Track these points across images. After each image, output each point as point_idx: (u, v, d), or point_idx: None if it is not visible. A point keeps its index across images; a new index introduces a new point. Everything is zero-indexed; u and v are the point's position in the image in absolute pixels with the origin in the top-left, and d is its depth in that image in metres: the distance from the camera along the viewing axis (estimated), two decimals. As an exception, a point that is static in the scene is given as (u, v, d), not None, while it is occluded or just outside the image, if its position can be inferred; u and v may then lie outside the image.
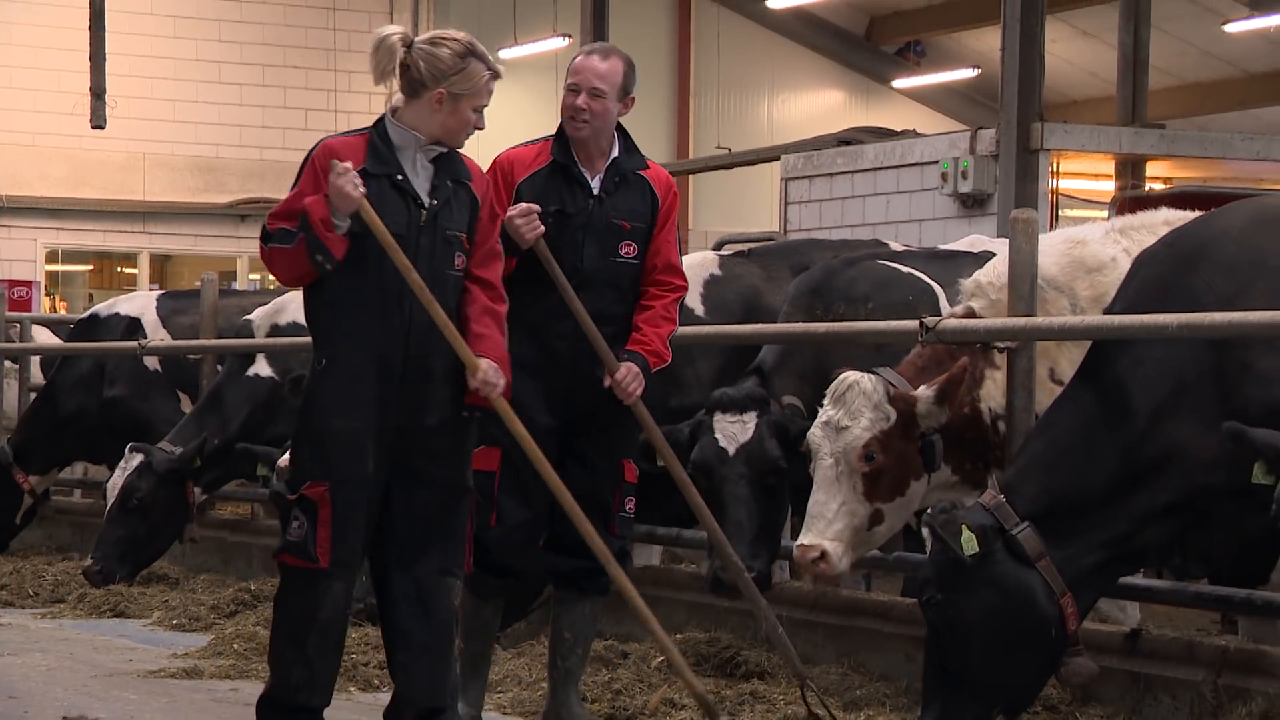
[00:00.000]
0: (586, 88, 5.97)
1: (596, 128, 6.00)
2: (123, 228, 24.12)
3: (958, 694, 5.45)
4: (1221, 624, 7.79)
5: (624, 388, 5.91)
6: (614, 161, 6.06)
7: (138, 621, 9.02)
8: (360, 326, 5.36)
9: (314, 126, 24.83)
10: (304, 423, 5.44)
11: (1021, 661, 5.49)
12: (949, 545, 5.41)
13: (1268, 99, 25.83)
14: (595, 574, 5.99)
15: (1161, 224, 6.58)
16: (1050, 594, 5.45)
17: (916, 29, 27.89)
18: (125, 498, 9.47)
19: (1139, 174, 17.64)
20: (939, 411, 6.24)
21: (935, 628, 5.50)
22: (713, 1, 26.94)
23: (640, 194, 6.06)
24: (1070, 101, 26.99)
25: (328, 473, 5.35)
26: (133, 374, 11.11)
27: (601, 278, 5.99)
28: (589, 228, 5.99)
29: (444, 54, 5.37)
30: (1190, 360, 5.51)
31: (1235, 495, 5.51)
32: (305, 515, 5.35)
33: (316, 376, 5.43)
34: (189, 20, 24.20)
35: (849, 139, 17.77)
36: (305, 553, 5.35)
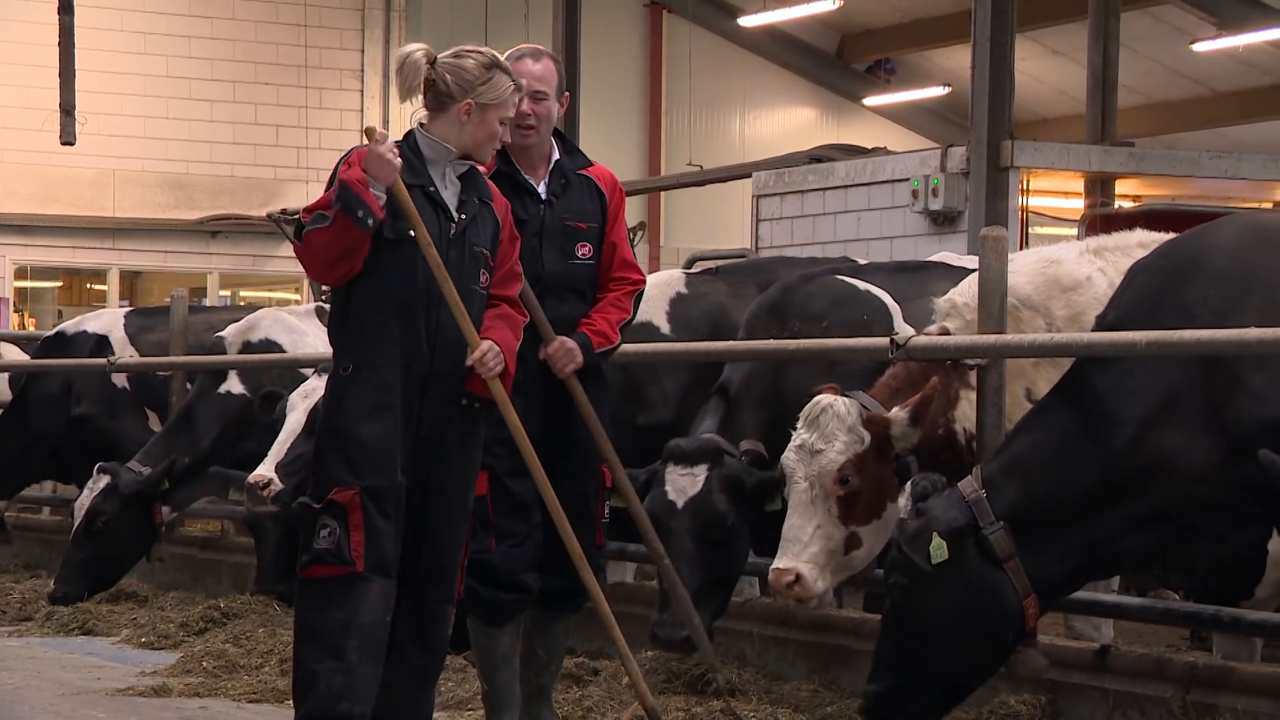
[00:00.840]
0: (529, 92, 5.86)
1: (543, 134, 5.97)
2: (92, 244, 24.03)
3: (909, 671, 5.53)
4: (1191, 640, 7.81)
5: (555, 360, 5.84)
6: (557, 164, 6.01)
7: (106, 639, 8.97)
8: (388, 334, 5.34)
9: (285, 143, 24.80)
10: (329, 428, 5.38)
11: (976, 654, 5.58)
12: (913, 558, 5.44)
13: (1235, 117, 25.99)
14: (572, 594, 5.97)
15: (1136, 245, 6.62)
16: (1014, 595, 5.51)
17: (887, 47, 28.00)
18: (90, 520, 9.48)
19: (1108, 192, 17.73)
20: (913, 432, 6.25)
21: (897, 608, 5.56)
22: (684, 19, 26.98)
23: (588, 194, 6.02)
24: (1040, 119, 27.11)
25: (357, 477, 5.30)
26: (101, 392, 11.06)
27: (563, 282, 5.95)
28: (543, 234, 5.94)
29: (470, 65, 5.41)
30: (1182, 372, 5.55)
31: (1220, 509, 5.55)
32: (335, 520, 5.27)
33: (342, 382, 5.38)
34: (159, 37, 24.15)
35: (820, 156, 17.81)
36: (340, 557, 5.27)
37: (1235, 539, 5.65)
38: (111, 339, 11.26)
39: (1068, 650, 6.25)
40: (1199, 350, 5.51)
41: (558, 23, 18.58)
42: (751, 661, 7.29)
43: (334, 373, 5.43)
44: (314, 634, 5.31)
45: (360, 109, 25.31)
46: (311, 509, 5.32)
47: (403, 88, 5.42)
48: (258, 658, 7.81)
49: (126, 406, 10.91)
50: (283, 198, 23.44)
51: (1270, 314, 5.50)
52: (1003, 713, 6.15)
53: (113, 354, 11.03)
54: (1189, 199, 17.25)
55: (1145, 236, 6.74)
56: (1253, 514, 5.59)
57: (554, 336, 5.87)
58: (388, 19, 25.29)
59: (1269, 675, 5.72)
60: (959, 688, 5.67)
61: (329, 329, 5.54)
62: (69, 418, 11.06)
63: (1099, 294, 6.45)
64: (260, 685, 7.34)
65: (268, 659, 7.76)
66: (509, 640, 5.97)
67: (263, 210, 22.27)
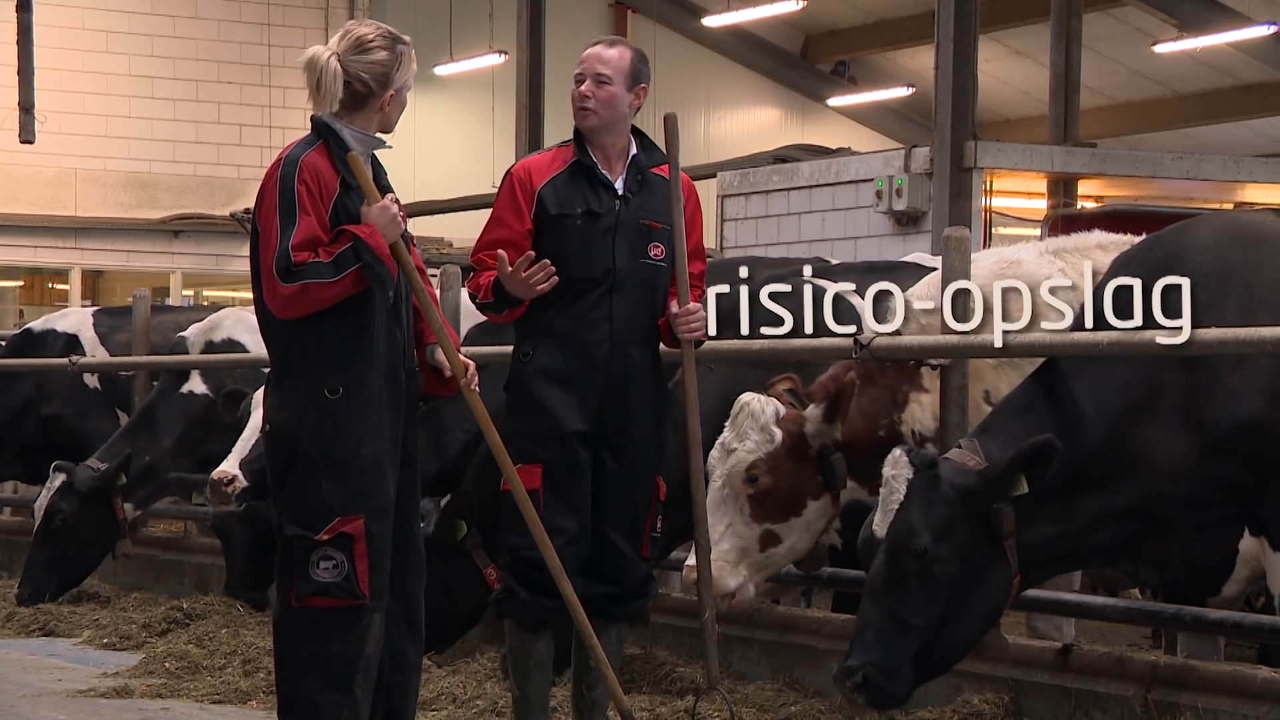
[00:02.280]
0: (590, 74, 5.73)
1: (604, 117, 5.74)
2: (54, 244, 23.91)
3: (899, 640, 5.50)
4: (1153, 639, 7.85)
5: (687, 318, 5.66)
6: (634, 160, 5.82)
7: (67, 640, 8.92)
8: (371, 348, 5.16)
9: (248, 142, 24.71)
10: (323, 455, 5.11)
11: (971, 626, 5.59)
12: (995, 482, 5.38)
13: (1197, 119, 26.15)
14: (623, 600, 5.77)
15: (1095, 246, 6.67)
16: (1009, 572, 5.54)
17: (851, 48, 28.07)
18: (49, 519, 9.48)
19: (1071, 192, 17.81)
20: (829, 429, 6.25)
21: (904, 576, 5.51)
22: (649, 19, 27.00)
23: (665, 194, 5.81)
24: (1003, 120, 27.21)
25: (361, 504, 5.12)
26: (71, 392, 11.02)
27: (633, 280, 5.74)
28: (618, 229, 5.74)
29: (382, 57, 5.20)
30: (1164, 369, 5.59)
31: (1195, 507, 5.59)
32: (342, 553, 5.09)
33: (330, 406, 5.11)
34: (121, 35, 24.04)
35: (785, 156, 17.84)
36: (350, 591, 5.10)
37: (1208, 538, 5.70)
38: (81, 338, 11.22)
39: (1030, 649, 6.27)
40: (1163, 351, 5.54)
41: (522, 22, 18.57)
42: (716, 661, 7.29)
43: (315, 397, 5.12)
44: (315, 664, 5.13)
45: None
46: (309, 540, 5.11)
47: (327, 97, 5.12)
48: (220, 658, 7.78)
49: (97, 406, 10.85)
50: (246, 197, 23.33)
51: (1247, 312, 5.55)
52: (966, 711, 6.17)
53: (83, 354, 10.99)
54: (1151, 200, 17.34)
55: (1104, 238, 6.79)
56: (1226, 514, 5.63)
57: (689, 298, 5.69)
58: (351, 18, 25.24)
59: (1230, 674, 5.75)
60: (946, 660, 5.67)
61: (284, 343, 5.20)
62: (39, 418, 11.00)
63: None
64: (223, 686, 7.31)
65: (230, 660, 7.73)
66: (545, 646, 5.75)
67: (226, 210, 22.20)
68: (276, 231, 5.08)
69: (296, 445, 5.14)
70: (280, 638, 5.25)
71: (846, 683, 5.51)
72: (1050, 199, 17.85)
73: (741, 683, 6.93)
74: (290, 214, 5.07)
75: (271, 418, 5.23)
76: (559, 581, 5.51)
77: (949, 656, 5.68)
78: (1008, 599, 5.64)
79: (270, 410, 5.25)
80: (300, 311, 5.07)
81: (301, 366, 5.17)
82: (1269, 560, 5.61)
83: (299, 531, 5.13)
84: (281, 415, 5.19)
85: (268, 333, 5.27)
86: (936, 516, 5.49)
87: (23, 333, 11.68)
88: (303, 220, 5.07)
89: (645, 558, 5.82)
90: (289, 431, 5.15)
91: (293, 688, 5.18)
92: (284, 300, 5.06)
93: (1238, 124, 26.08)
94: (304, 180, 5.10)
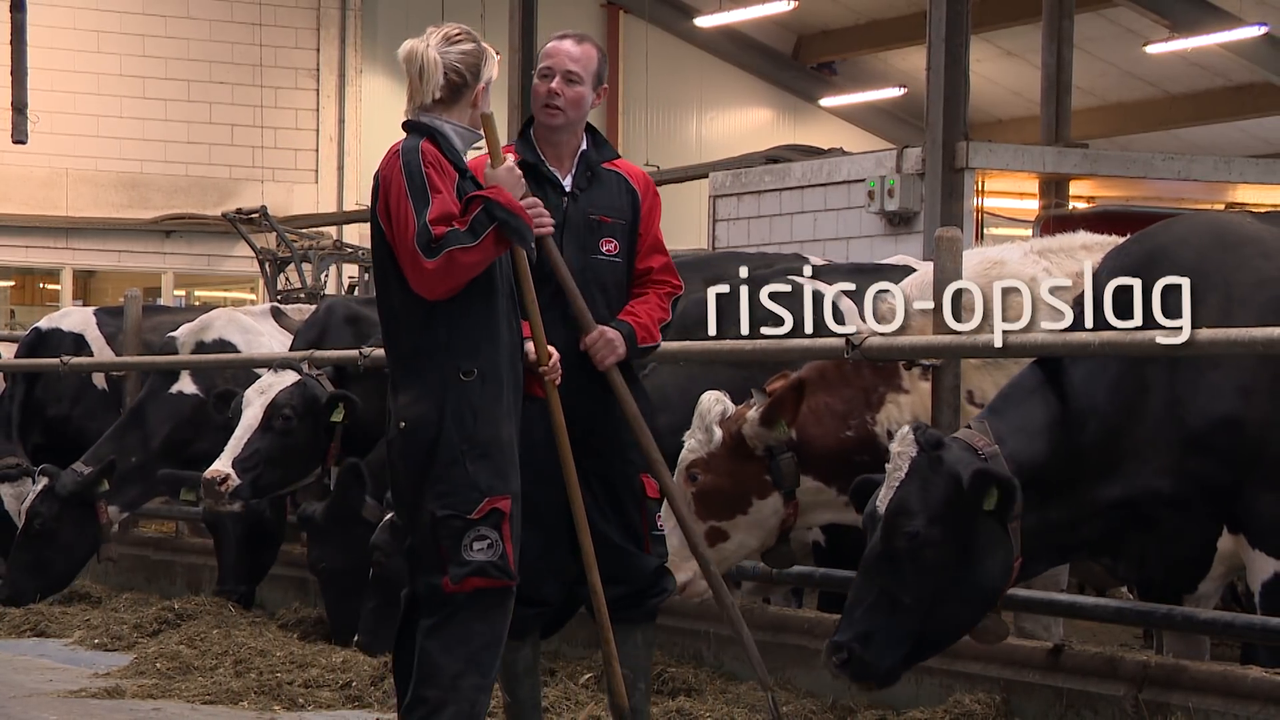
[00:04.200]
0: (560, 70, 5.61)
1: (571, 118, 5.63)
2: (45, 244, 23.89)
3: (891, 620, 5.49)
4: (1144, 639, 7.87)
5: (596, 351, 5.53)
6: (583, 155, 5.71)
7: (58, 641, 8.91)
8: (498, 333, 5.19)
9: (240, 142, 24.71)
10: (465, 437, 5.10)
11: (965, 610, 5.58)
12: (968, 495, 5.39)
13: (1188, 119, 26.19)
14: (639, 598, 5.65)
15: (1079, 246, 6.69)
16: (1011, 555, 5.53)
17: (843, 48, 28.10)
18: (29, 522, 9.49)
19: (1063, 193, 17.85)
20: (767, 433, 6.27)
21: (897, 555, 5.50)
22: (641, 19, 27.01)
23: (617, 188, 5.72)
24: (995, 121, 27.24)
25: (506, 484, 5.14)
26: (81, 393, 11.01)
27: (584, 276, 5.60)
28: (565, 226, 5.61)
29: (470, 49, 5.23)
30: (1151, 365, 5.63)
31: (1177, 505, 5.63)
32: (495, 531, 5.09)
33: (467, 389, 5.11)
34: (113, 35, 24.03)
35: (777, 157, 17.86)
36: (504, 570, 5.09)
37: (1188, 537, 5.73)
38: (87, 338, 11.20)
39: (1021, 649, 6.28)
40: (1151, 351, 5.57)
41: (514, 22, 18.57)
42: (707, 661, 7.30)
43: (450, 382, 5.11)
44: (457, 646, 5.11)
45: (316, 108, 25.24)
46: (462, 520, 5.08)
47: (426, 84, 5.16)
48: (212, 659, 7.77)
49: (106, 408, 10.81)
50: (238, 197, 23.34)
51: (1226, 311, 5.59)
52: (957, 711, 6.17)
53: (90, 353, 10.98)
54: (1142, 200, 17.38)
55: (1089, 238, 6.82)
56: (1205, 511, 5.66)
57: (594, 326, 5.56)
58: (343, 18, 25.22)
59: (1220, 673, 5.76)
60: (937, 641, 5.66)
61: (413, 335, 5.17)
62: (47, 418, 10.99)
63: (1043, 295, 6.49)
64: (214, 686, 7.30)
65: (222, 660, 7.73)
66: (530, 652, 5.69)
67: (217, 210, 22.17)
68: (411, 214, 5.06)
69: (439, 433, 5.11)
70: (428, 626, 5.15)
71: (833, 658, 5.51)
72: (1042, 199, 17.89)
73: (733, 683, 6.94)
74: (423, 194, 5.07)
75: (407, 413, 5.16)
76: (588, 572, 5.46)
77: (941, 638, 5.66)
78: (1008, 582, 5.62)
79: (405, 406, 5.17)
80: (449, 285, 5.05)
81: (433, 355, 5.15)
82: (1248, 557, 5.65)
83: (451, 513, 5.09)
84: (419, 407, 5.14)
85: (394, 328, 5.23)
86: (934, 498, 5.48)
87: (32, 332, 11.64)
88: (435, 199, 5.07)
89: (648, 554, 5.70)
90: (429, 421, 5.12)
91: (433, 668, 5.11)
92: (432, 276, 5.03)
93: (1229, 125, 26.13)
94: (429, 163, 5.11)
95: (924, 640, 5.58)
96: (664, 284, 5.75)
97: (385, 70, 25.07)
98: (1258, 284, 5.68)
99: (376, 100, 24.89)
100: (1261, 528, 5.60)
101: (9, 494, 9.95)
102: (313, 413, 8.49)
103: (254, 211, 19.36)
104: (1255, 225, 5.92)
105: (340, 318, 9.25)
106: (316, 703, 7.05)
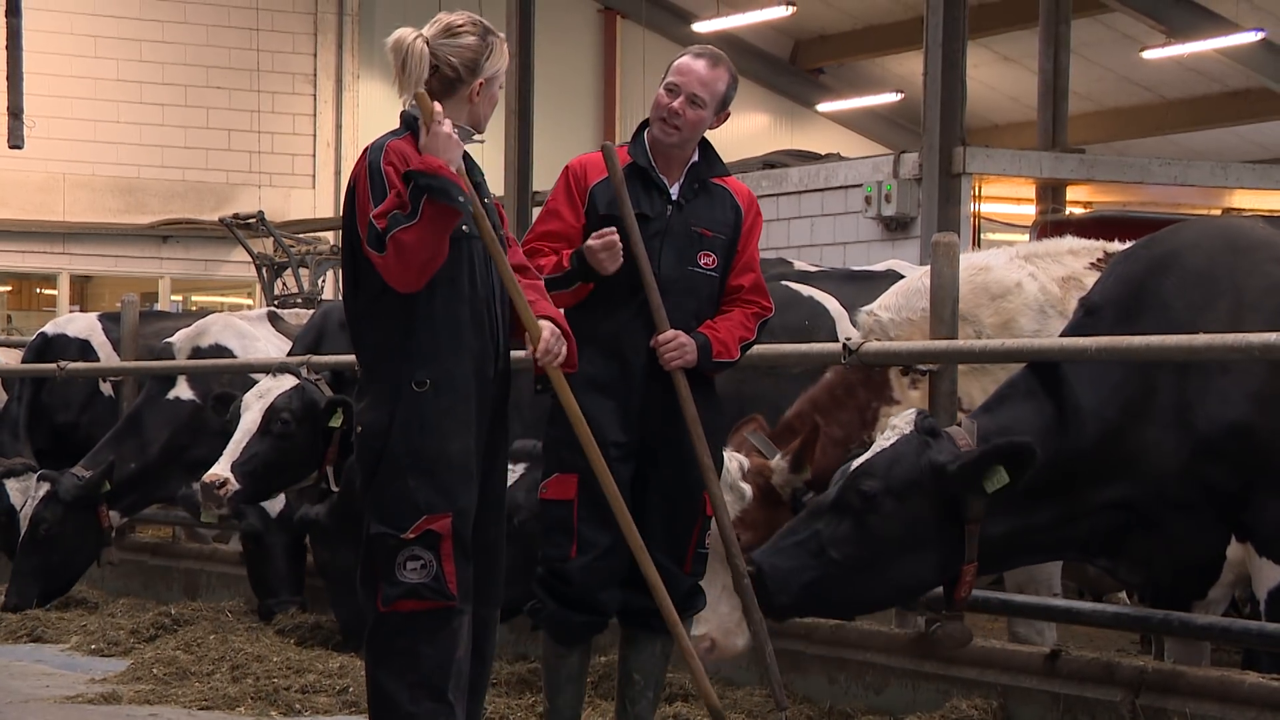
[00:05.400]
0: (686, 92, 5.60)
1: (686, 138, 5.64)
2: (42, 248, 23.88)
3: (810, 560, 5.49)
4: (1141, 644, 7.87)
5: (663, 350, 5.48)
6: (693, 167, 5.71)
7: (55, 646, 8.90)
8: (463, 342, 5.01)
9: (236, 147, 24.70)
10: (410, 450, 4.94)
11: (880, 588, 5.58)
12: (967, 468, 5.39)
13: (1185, 125, 26.20)
14: None
15: (1066, 251, 6.69)
16: (957, 558, 5.50)
17: (840, 53, 28.11)
18: (34, 528, 9.51)
19: (1059, 198, 17.85)
20: (797, 478, 6.17)
21: (844, 508, 5.51)
22: (638, 24, 27.02)
23: (721, 204, 5.71)
24: (992, 126, 27.26)
25: (450, 501, 4.96)
26: (89, 399, 11.00)
27: (679, 286, 5.59)
28: (667, 234, 5.60)
29: (470, 42, 5.05)
30: (1159, 369, 5.61)
31: (1184, 509, 5.62)
32: (430, 552, 4.91)
33: (418, 399, 4.95)
34: (110, 40, 24.02)
35: (774, 162, 17.88)
36: (440, 592, 4.93)
37: (1195, 541, 5.71)
38: (93, 343, 11.19)
39: (1018, 654, 6.28)
40: (1148, 356, 5.57)
41: (511, 28, 18.57)
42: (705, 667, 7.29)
43: (402, 391, 4.97)
44: (406, 671, 4.95)
45: (313, 113, 25.24)
46: (395, 539, 4.93)
47: (410, 79, 4.97)
48: (209, 664, 7.76)
49: (114, 415, 10.80)
50: (235, 202, 23.34)
51: (1237, 316, 5.58)
52: (955, 717, 6.16)
53: (96, 359, 10.98)
54: (1139, 205, 17.39)
55: (1075, 243, 6.81)
56: (1213, 517, 5.64)
57: (668, 326, 5.52)
58: (340, 23, 25.23)
59: (1217, 679, 5.76)
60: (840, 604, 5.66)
61: (374, 339, 5.05)
62: (54, 424, 10.98)
63: (1029, 300, 6.50)
64: (211, 692, 7.29)
65: (219, 666, 7.72)
66: (579, 660, 5.60)
67: (214, 215, 22.19)
68: (370, 211, 4.93)
69: (385, 443, 4.97)
70: (369, 647, 5.04)
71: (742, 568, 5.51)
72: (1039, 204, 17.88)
73: (730, 689, 6.93)
74: (381, 194, 4.93)
75: (362, 419, 5.06)
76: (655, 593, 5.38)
77: (845, 603, 5.66)
78: (940, 583, 5.59)
79: (361, 411, 5.08)
80: (412, 271, 4.86)
81: (390, 363, 5.01)
82: (1254, 565, 5.62)
83: (384, 530, 4.95)
84: (373, 414, 5.02)
85: (356, 331, 5.12)
86: (900, 474, 5.48)
87: (38, 337, 11.62)
88: (390, 194, 4.91)
89: (687, 573, 5.66)
90: (380, 429, 4.98)
91: (385, 697, 4.98)
92: (387, 268, 4.87)
93: (1225, 130, 26.15)
94: (390, 162, 4.95)
95: (828, 597, 5.56)
96: (753, 304, 5.74)
97: (382, 75, 25.07)
98: (1269, 289, 5.66)
99: (374, 105, 24.90)
100: (1269, 535, 5.58)
101: (15, 488, 9.97)
102: (311, 417, 8.49)
103: (251, 216, 19.36)
104: (1267, 230, 5.90)
105: (336, 322, 9.24)
106: (313, 708, 7.04)
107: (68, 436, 10.92)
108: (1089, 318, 5.83)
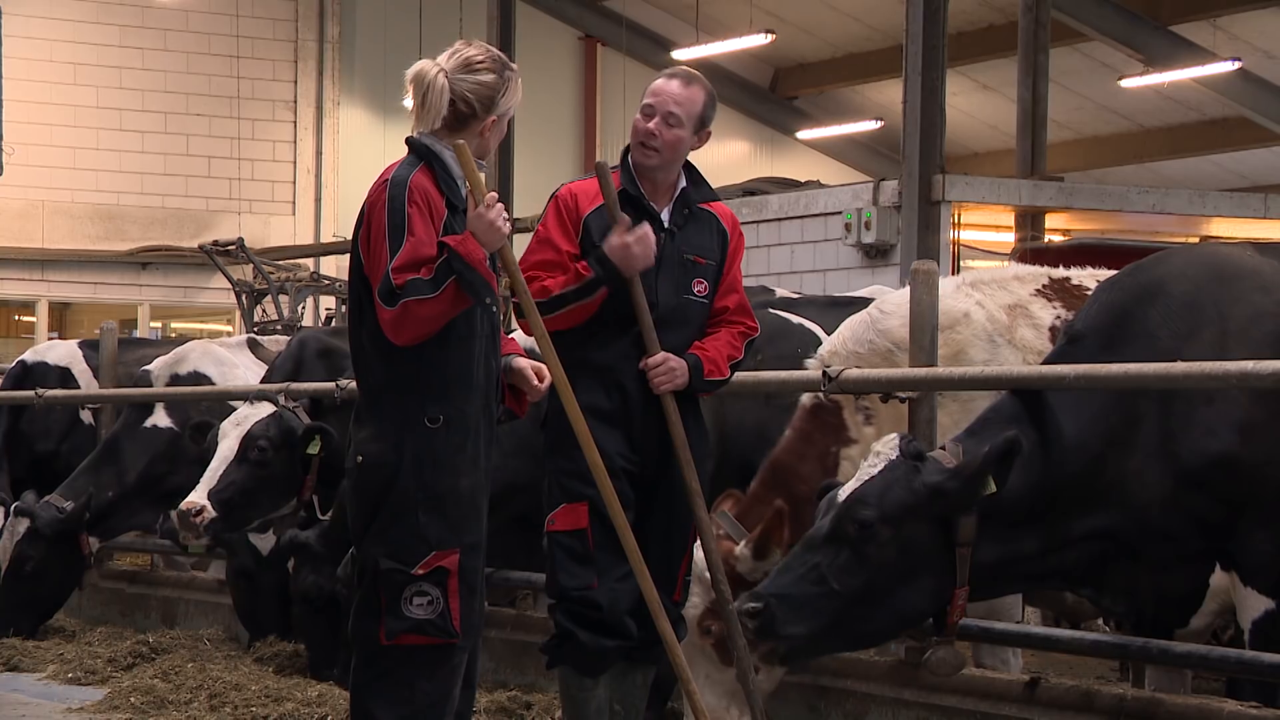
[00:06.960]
0: (661, 111, 5.58)
1: (666, 159, 5.62)
2: (20, 275, 23.81)
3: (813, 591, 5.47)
4: (1120, 671, 7.86)
5: (654, 374, 5.48)
6: (682, 193, 5.70)
7: (31, 675, 8.84)
8: (471, 377, 4.98)
9: (217, 174, 24.68)
10: (421, 487, 4.91)
11: (883, 618, 5.56)
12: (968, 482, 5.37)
13: (1163, 153, 26.33)
14: (651, 644, 5.53)
15: (1012, 278, 6.67)
16: (950, 582, 5.50)
17: (820, 81, 28.20)
18: (18, 566, 9.48)
19: (1038, 226, 17.90)
20: (763, 564, 6.05)
21: (841, 539, 5.48)
22: (618, 52, 27.08)
23: (709, 228, 5.72)
24: (971, 154, 27.35)
25: (458, 538, 4.94)
26: (69, 428, 10.95)
27: (677, 316, 5.61)
28: (662, 263, 5.57)
29: (489, 80, 5.03)
30: (1142, 396, 5.60)
31: (1167, 539, 5.60)
32: (438, 588, 4.90)
33: (430, 435, 4.92)
34: (89, 68, 24.01)
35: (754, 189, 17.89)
36: (444, 629, 4.90)
37: (1179, 570, 5.68)
38: (74, 372, 11.14)
39: (998, 682, 6.27)
40: (1127, 384, 5.56)
41: (492, 55, 18.58)
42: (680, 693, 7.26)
43: (414, 426, 4.93)
44: (400, 704, 4.92)
45: (293, 140, 25.23)
46: (404, 574, 4.90)
47: (426, 113, 4.95)
48: (186, 693, 7.72)
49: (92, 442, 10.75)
50: (214, 229, 23.30)
51: (1221, 345, 5.56)
52: (934, 745, 6.16)
53: (77, 386, 10.93)
54: (1118, 233, 17.44)
55: (1021, 270, 6.81)
56: (1198, 547, 5.62)
57: (658, 349, 5.52)
58: (321, 51, 25.23)
59: (1196, 707, 5.75)
60: (845, 637, 5.63)
61: (381, 371, 4.98)
62: (34, 453, 10.92)
63: (978, 330, 6.47)
64: (189, 721, 7.27)
65: (196, 694, 7.68)
66: (604, 692, 5.55)
67: (194, 241, 22.14)
68: (385, 256, 4.88)
69: (394, 477, 4.93)
70: (364, 676, 4.99)
71: (747, 606, 5.46)
72: (1018, 232, 17.93)
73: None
74: (399, 235, 4.88)
75: (365, 449, 4.98)
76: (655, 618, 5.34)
77: (850, 636, 5.63)
78: (937, 609, 5.58)
79: (364, 441, 5.00)
80: (412, 334, 4.86)
81: (400, 395, 4.96)
82: (1239, 594, 5.60)
83: (394, 565, 4.91)
84: (377, 446, 4.96)
85: (361, 360, 5.06)
86: (895, 500, 5.47)
87: (17, 364, 11.56)
88: (409, 241, 4.87)
89: (675, 601, 5.66)
90: (386, 463, 4.94)
91: None
92: (389, 325, 4.86)
93: (1203, 158, 26.27)
94: (415, 201, 4.90)
95: (836, 628, 5.53)
96: (739, 324, 5.74)
97: (363, 103, 25.10)
98: (1255, 318, 5.63)
99: (354, 132, 24.91)
100: (1253, 565, 5.55)
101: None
102: (289, 445, 8.45)
103: (231, 243, 19.32)
104: (1255, 258, 5.85)
105: (313, 352, 9.19)
106: (291, 737, 7.01)
107: (47, 465, 10.86)
108: (1072, 345, 5.82)
